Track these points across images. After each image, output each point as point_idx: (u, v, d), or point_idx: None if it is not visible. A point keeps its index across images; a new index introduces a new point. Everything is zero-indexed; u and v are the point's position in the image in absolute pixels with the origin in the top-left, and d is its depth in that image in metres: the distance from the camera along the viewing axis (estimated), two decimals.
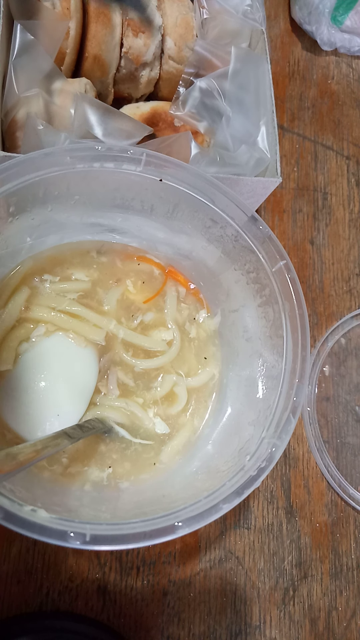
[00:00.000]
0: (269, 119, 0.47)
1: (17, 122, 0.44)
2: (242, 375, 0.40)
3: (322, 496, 0.48)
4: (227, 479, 0.32)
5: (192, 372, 0.43)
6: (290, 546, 0.46)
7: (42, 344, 0.40)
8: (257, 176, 0.46)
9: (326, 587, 0.46)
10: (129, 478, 0.39)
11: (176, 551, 0.44)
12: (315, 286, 0.55)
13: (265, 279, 0.37)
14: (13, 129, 0.45)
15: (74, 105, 0.44)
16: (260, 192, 0.46)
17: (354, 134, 0.63)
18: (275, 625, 0.44)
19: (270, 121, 0.47)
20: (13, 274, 0.42)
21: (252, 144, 0.46)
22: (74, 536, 0.28)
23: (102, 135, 0.44)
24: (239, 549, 0.45)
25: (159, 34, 0.50)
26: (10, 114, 0.45)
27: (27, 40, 0.46)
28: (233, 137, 0.46)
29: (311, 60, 0.66)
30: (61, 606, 0.42)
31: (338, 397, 0.52)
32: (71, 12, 0.47)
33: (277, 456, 0.32)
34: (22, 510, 0.29)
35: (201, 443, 0.41)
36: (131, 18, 0.49)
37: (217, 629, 0.43)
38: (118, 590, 0.43)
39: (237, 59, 0.47)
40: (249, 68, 0.48)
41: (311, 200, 0.59)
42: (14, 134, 0.45)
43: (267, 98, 0.48)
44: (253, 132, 0.47)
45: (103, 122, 0.44)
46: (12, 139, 0.45)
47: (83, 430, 0.36)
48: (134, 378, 0.42)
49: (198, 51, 0.49)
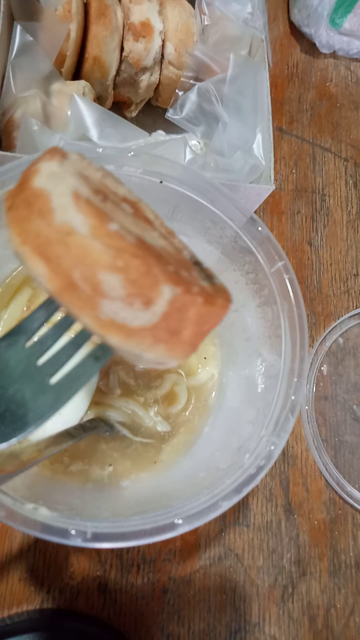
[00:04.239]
0: (265, 126, 0.48)
1: (14, 122, 0.45)
2: (242, 375, 0.41)
3: (321, 494, 0.49)
4: (226, 477, 0.32)
5: (192, 371, 0.43)
6: (289, 544, 0.47)
7: None
8: (252, 183, 0.46)
9: (325, 584, 0.46)
10: (129, 476, 0.40)
11: (176, 549, 0.45)
12: (313, 287, 0.56)
13: (264, 279, 0.37)
14: (10, 129, 0.45)
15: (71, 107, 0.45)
16: (254, 199, 0.46)
17: (352, 136, 0.63)
18: (274, 622, 0.45)
19: (267, 128, 0.47)
20: (15, 274, 0.42)
21: (248, 151, 0.46)
22: (75, 534, 0.29)
23: (97, 137, 0.44)
24: (238, 546, 0.46)
25: (160, 39, 0.50)
26: (7, 114, 0.46)
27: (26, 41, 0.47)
28: (229, 142, 0.47)
29: (310, 63, 0.66)
30: (62, 604, 0.42)
31: (336, 396, 0.52)
32: (72, 14, 0.48)
33: (276, 454, 0.32)
34: (24, 508, 0.30)
35: (201, 441, 0.41)
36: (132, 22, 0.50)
37: (216, 626, 0.44)
38: (118, 588, 0.43)
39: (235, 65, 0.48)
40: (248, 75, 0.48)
41: (309, 201, 0.59)
42: (10, 134, 0.45)
43: (265, 105, 0.48)
44: (249, 138, 0.47)
45: (99, 124, 0.45)
46: (9, 138, 0.45)
47: (85, 429, 0.37)
48: (134, 377, 0.42)
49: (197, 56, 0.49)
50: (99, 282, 0.19)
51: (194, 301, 0.21)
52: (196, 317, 0.21)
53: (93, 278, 0.19)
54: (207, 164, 0.45)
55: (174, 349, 0.21)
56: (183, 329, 0.21)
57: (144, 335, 0.20)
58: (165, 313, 0.20)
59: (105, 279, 0.19)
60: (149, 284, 0.20)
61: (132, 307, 0.19)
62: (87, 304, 0.19)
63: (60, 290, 0.19)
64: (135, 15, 0.50)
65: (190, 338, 0.22)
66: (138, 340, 0.20)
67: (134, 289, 0.19)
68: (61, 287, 0.19)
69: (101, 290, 0.19)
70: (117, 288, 0.19)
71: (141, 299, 0.20)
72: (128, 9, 0.51)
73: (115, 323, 0.20)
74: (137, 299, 0.19)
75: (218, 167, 0.45)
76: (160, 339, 0.21)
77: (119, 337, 0.20)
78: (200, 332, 0.22)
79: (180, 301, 0.21)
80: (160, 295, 0.20)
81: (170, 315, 0.20)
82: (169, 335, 0.21)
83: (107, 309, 0.19)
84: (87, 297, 0.19)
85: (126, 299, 0.19)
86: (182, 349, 0.22)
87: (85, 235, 0.19)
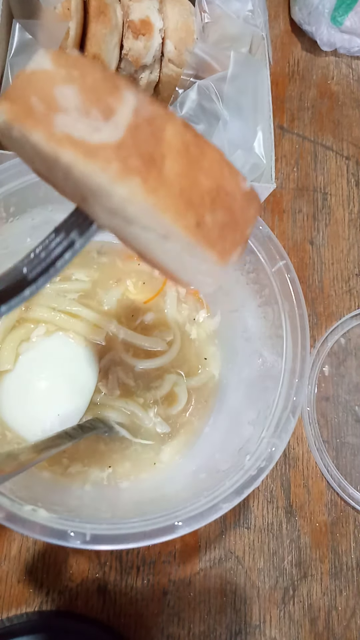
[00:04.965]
0: (266, 124, 0.47)
1: None
2: (242, 375, 0.41)
3: (322, 496, 0.48)
4: (227, 479, 0.32)
5: (192, 372, 0.43)
6: (290, 546, 0.46)
7: (42, 343, 0.40)
8: (252, 181, 0.46)
9: (326, 586, 0.46)
10: (129, 478, 0.39)
11: (176, 551, 0.44)
12: (314, 286, 0.56)
13: (265, 279, 0.37)
14: None
15: None
16: None
17: (353, 134, 0.63)
18: (275, 624, 0.44)
19: (267, 127, 0.47)
20: None
21: (248, 149, 0.46)
22: (74, 536, 0.29)
23: None
24: (238, 548, 0.46)
25: (160, 37, 0.50)
26: None
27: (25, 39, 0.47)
28: (229, 141, 0.47)
29: (311, 61, 0.66)
30: (61, 606, 0.42)
31: (338, 397, 0.52)
32: (71, 12, 0.47)
33: (276, 456, 0.32)
34: (23, 510, 0.29)
35: (201, 443, 0.41)
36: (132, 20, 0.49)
37: (217, 628, 0.43)
38: (118, 590, 0.43)
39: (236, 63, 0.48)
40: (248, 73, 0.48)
41: (311, 200, 0.59)
42: None
43: (265, 103, 0.48)
44: (250, 137, 0.47)
45: None
46: None
47: (84, 430, 0.36)
48: (134, 378, 0.42)
49: (197, 54, 0.49)
50: (54, 97, 0.17)
51: (169, 115, 0.17)
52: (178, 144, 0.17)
53: (48, 95, 0.17)
54: None
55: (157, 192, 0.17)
56: (161, 157, 0.17)
57: (108, 155, 0.16)
58: (132, 125, 0.17)
59: (59, 92, 0.17)
60: (107, 89, 0.17)
61: (89, 117, 0.17)
62: (41, 121, 0.17)
63: (17, 117, 0.17)
64: (135, 13, 0.50)
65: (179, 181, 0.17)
66: (100, 162, 0.16)
67: (90, 95, 0.17)
68: (17, 113, 0.17)
69: (55, 104, 0.17)
70: (72, 98, 0.17)
71: (99, 105, 0.17)
72: (128, 7, 0.50)
73: (71, 138, 0.17)
74: (94, 106, 0.17)
75: None
76: (130, 167, 0.16)
77: (75, 154, 0.16)
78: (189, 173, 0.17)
79: (148, 110, 0.17)
80: (122, 102, 0.17)
81: (138, 129, 0.17)
82: (142, 162, 0.16)
83: (61, 123, 0.17)
84: (42, 114, 0.17)
85: (82, 108, 0.17)
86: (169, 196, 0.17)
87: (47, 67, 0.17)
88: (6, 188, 0.35)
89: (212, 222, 0.18)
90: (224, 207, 0.18)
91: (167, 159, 0.17)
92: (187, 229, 0.17)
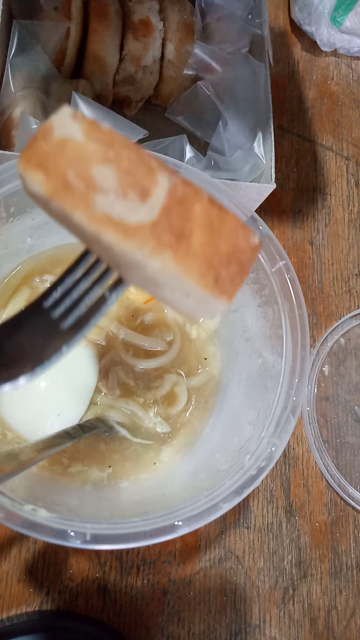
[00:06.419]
0: (266, 124, 0.47)
1: (12, 120, 0.45)
2: (242, 375, 0.41)
3: (322, 495, 0.48)
4: (227, 478, 0.32)
5: (192, 372, 0.43)
6: (289, 545, 0.46)
7: None
8: (252, 181, 0.46)
9: (326, 586, 0.46)
10: (129, 477, 0.39)
11: (176, 550, 0.44)
12: (314, 286, 0.56)
13: (264, 279, 0.37)
14: (9, 128, 0.45)
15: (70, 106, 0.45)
16: (255, 198, 0.46)
17: (353, 135, 0.63)
18: (275, 624, 0.44)
19: (267, 127, 0.47)
20: (14, 274, 0.42)
21: (248, 150, 0.46)
22: (75, 535, 0.29)
23: None
24: (238, 548, 0.46)
25: (160, 38, 0.50)
26: (6, 113, 0.46)
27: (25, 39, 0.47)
28: (229, 141, 0.47)
29: (311, 61, 0.66)
30: (61, 605, 0.42)
31: (337, 396, 0.52)
32: (72, 13, 0.48)
33: (276, 455, 0.32)
34: (23, 510, 0.29)
35: (201, 442, 0.41)
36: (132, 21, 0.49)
37: (217, 628, 0.43)
38: (118, 590, 0.43)
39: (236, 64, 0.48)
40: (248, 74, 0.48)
41: (311, 200, 0.59)
42: (9, 133, 0.45)
43: (265, 104, 0.48)
44: (250, 137, 0.47)
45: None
46: (7, 137, 0.45)
47: (84, 429, 0.36)
48: (134, 378, 0.42)
49: (198, 54, 0.49)
50: (92, 176, 0.18)
51: (197, 194, 0.19)
52: (204, 219, 0.19)
53: (86, 173, 0.18)
54: (208, 163, 0.45)
55: (185, 262, 0.19)
56: (190, 232, 0.19)
57: (144, 234, 0.18)
58: (165, 206, 0.18)
59: (97, 172, 0.18)
60: (142, 173, 0.18)
61: (127, 198, 0.18)
62: (81, 200, 0.18)
63: (55, 192, 0.18)
64: (135, 13, 0.50)
65: (204, 250, 0.19)
66: (138, 240, 0.18)
67: (127, 178, 0.18)
68: (55, 188, 0.18)
69: (94, 183, 0.18)
70: (110, 179, 0.18)
71: (135, 189, 0.18)
72: (128, 8, 0.50)
73: (110, 219, 0.18)
74: (131, 189, 0.18)
75: (219, 166, 0.45)
76: (164, 243, 0.18)
77: (116, 234, 0.18)
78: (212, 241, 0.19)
79: (180, 192, 0.19)
80: (157, 185, 0.19)
81: (170, 210, 0.19)
82: (174, 238, 0.18)
83: (101, 203, 0.18)
84: (81, 193, 0.18)
85: (120, 190, 0.18)
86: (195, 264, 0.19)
87: (79, 139, 0.18)
88: (6, 188, 0.35)
89: (226, 275, 0.20)
90: (236, 262, 0.20)
91: (194, 233, 0.19)
92: (207, 287, 0.19)
